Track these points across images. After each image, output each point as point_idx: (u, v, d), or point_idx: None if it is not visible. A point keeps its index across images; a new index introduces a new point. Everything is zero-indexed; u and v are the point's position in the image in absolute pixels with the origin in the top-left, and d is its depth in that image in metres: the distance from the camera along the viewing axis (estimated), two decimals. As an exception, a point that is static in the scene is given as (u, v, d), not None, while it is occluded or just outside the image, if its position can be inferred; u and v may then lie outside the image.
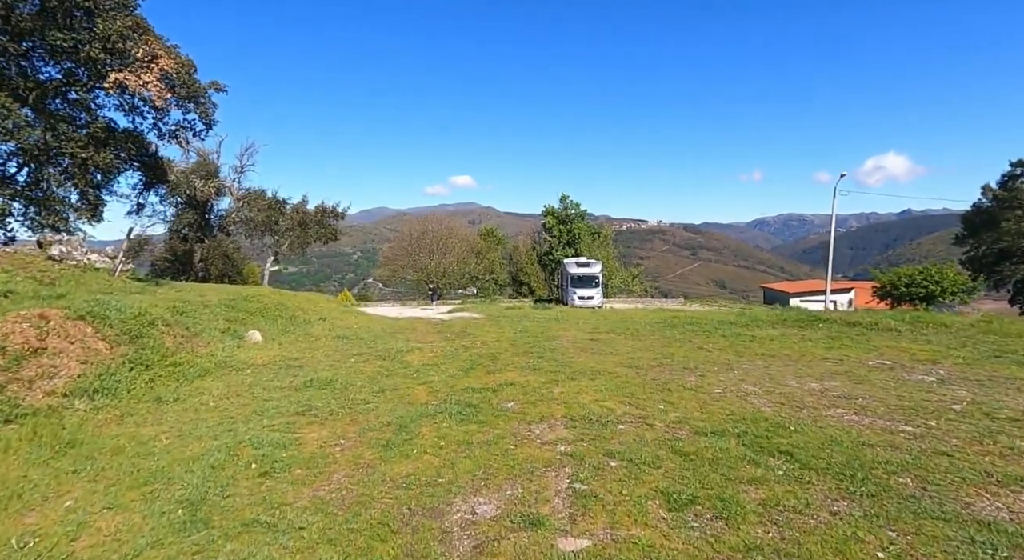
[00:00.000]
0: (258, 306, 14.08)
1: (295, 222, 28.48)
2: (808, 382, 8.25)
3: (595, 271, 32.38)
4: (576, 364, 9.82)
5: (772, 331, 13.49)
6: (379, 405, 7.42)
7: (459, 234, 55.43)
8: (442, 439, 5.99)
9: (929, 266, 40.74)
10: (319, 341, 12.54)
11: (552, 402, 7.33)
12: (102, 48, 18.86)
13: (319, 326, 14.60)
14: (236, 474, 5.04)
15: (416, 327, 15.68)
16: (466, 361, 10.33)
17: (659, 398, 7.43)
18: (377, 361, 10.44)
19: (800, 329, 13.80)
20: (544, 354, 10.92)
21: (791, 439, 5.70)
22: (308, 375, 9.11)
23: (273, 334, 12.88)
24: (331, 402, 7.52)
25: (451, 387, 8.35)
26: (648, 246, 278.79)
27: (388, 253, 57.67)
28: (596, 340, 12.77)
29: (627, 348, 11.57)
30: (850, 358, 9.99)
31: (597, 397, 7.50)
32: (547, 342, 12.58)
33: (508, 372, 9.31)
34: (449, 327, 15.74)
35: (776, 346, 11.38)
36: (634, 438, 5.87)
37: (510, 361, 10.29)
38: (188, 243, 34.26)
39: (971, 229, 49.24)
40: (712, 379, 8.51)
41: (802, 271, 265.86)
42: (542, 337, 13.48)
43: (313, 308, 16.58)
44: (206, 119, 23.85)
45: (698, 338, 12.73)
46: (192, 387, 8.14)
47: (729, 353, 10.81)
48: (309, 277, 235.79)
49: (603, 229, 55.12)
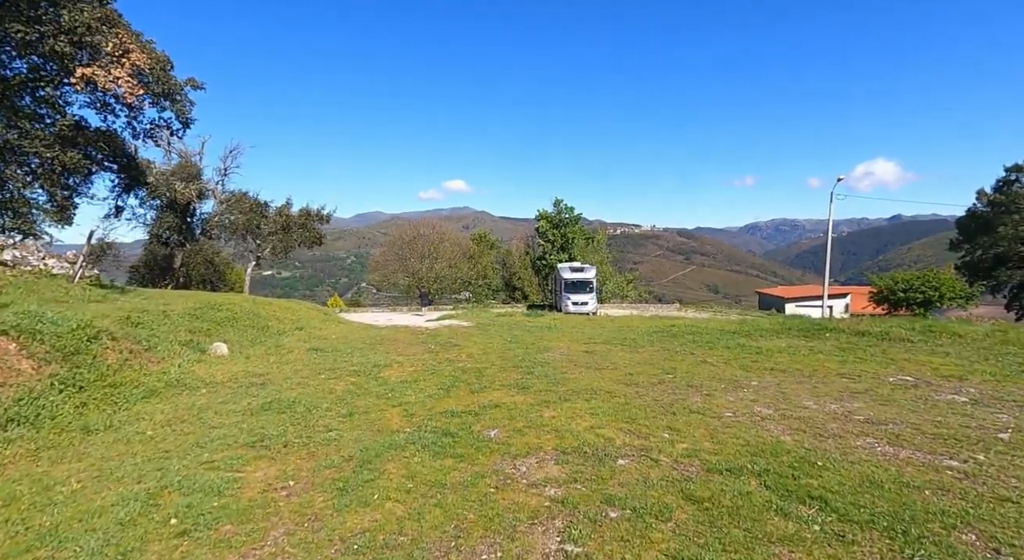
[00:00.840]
0: (227, 315, 13.05)
1: (278, 226, 27.39)
2: (827, 403, 7.39)
3: (589, 276, 31.63)
4: (569, 381, 8.91)
5: (778, 342, 12.66)
6: (343, 433, 6.47)
7: (451, 238, 54.54)
8: (410, 479, 5.06)
9: (927, 271, 40.36)
10: (291, 354, 11.55)
11: (542, 429, 6.42)
12: (69, 41, 17.83)
13: (294, 337, 13.59)
14: (148, 533, 4.07)
15: (398, 338, 14.71)
16: (448, 377, 9.39)
17: (663, 424, 6.53)
18: (350, 377, 9.47)
19: (807, 339, 12.98)
20: (534, 369, 10.00)
21: (822, 479, 4.82)
22: (270, 395, 8.14)
23: (242, 346, 11.87)
24: (288, 430, 6.55)
25: (428, 409, 7.41)
26: (642, 251, 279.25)
27: (378, 258, 56.56)
28: (591, 352, 11.88)
29: (625, 362, 10.68)
30: (868, 374, 9.16)
31: (593, 423, 6.59)
32: (538, 355, 11.67)
33: (494, 391, 8.39)
34: (434, 337, 14.79)
35: (785, 360, 10.54)
36: (637, 478, 4.96)
37: (497, 377, 9.36)
38: (169, 248, 33.09)
39: (966, 234, 49.02)
40: (720, 399, 7.63)
41: (795, 276, 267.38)
42: (533, 349, 12.57)
43: (290, 317, 15.57)
44: (183, 117, 22.84)
45: (700, 350, 11.87)
46: (131, 412, 7.14)
47: (735, 368, 9.95)
48: (302, 282, 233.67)
49: (597, 234, 54.43)
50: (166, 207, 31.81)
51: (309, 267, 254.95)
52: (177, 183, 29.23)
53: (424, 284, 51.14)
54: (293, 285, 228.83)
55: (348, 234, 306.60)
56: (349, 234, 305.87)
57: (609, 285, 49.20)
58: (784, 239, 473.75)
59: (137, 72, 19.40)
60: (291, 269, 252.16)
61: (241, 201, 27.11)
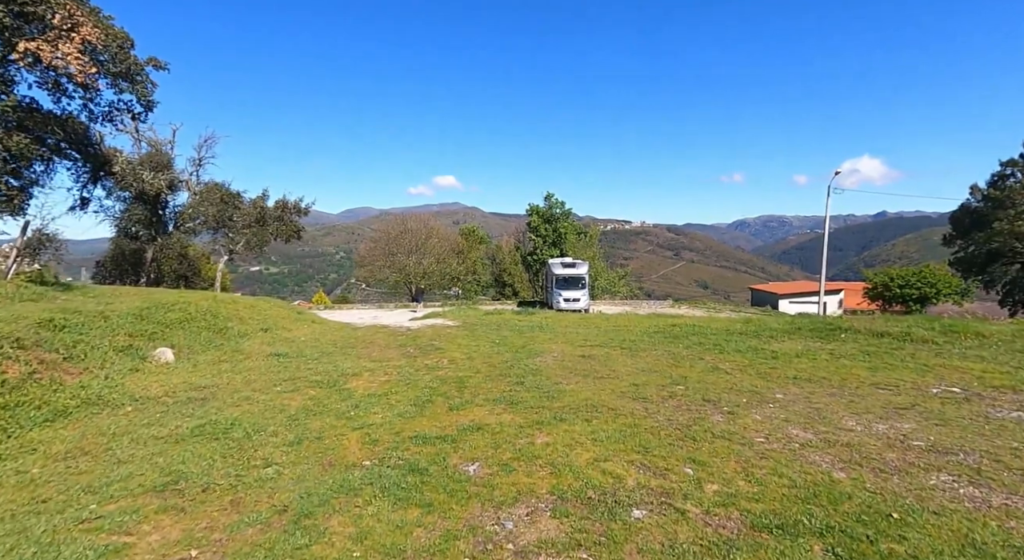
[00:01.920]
0: (180, 316, 11.59)
1: (252, 218, 25.70)
2: (873, 423, 6.21)
3: (581, 272, 30.52)
4: (566, 394, 7.65)
5: (793, 344, 11.52)
6: (284, 470, 5.14)
7: (439, 233, 53.05)
8: (358, 544, 3.76)
9: (922, 267, 39.81)
10: (248, 360, 10.14)
11: (534, 462, 5.15)
12: (9, 11, 16.07)
13: (257, 339, 12.16)
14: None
15: (375, 339, 13.34)
16: (425, 389, 8.08)
17: (683, 454, 5.30)
18: (310, 390, 8.13)
19: (823, 341, 11.87)
20: (525, 378, 8.73)
21: (907, 542, 3.61)
22: (207, 414, 6.77)
23: (192, 351, 10.44)
24: (216, 465, 5.21)
25: (396, 434, 6.10)
26: (632, 246, 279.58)
27: (364, 252, 54.83)
28: (589, 357, 10.63)
29: (627, 368, 9.45)
30: (906, 383, 8.02)
31: (597, 454, 5.33)
32: (529, 360, 10.40)
33: (477, 407, 7.10)
34: (415, 339, 13.45)
35: (807, 366, 9.38)
36: (661, 541, 3.72)
37: (481, 389, 8.07)
38: (138, 242, 31.23)
39: (960, 229, 48.63)
40: (746, 418, 6.42)
41: (782, 272, 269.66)
42: (523, 353, 11.30)
43: (256, 316, 14.12)
44: (144, 99, 21.15)
45: (709, 354, 10.68)
46: (22, 441, 5.73)
47: (753, 376, 8.77)
48: (291, 278, 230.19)
49: (590, 229, 53.27)
50: (135, 199, 29.98)
51: (298, 263, 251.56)
52: (145, 173, 27.39)
53: (412, 280, 49.67)
54: (282, 281, 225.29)
55: (337, 230, 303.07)
56: (338, 230, 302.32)
57: (601, 281, 48.20)
58: (772, 235, 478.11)
59: (89, 48, 17.70)
60: (279, 265, 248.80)
61: (212, 192, 25.35)
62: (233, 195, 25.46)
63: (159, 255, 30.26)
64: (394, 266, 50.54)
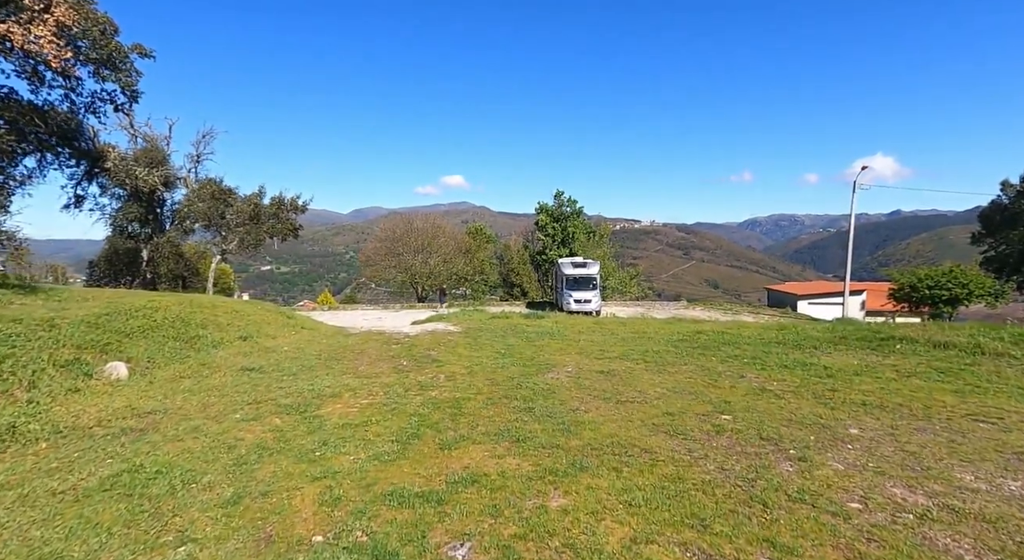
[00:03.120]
0: (144, 323, 10.27)
1: (246, 216, 24.43)
2: (997, 477, 4.66)
3: (593, 272, 29.05)
4: (585, 426, 6.17)
5: (844, 358, 9.92)
6: (202, 552, 3.72)
7: (446, 232, 51.72)
8: None
9: (953, 266, 37.73)
10: (214, 376, 8.77)
11: (546, 545, 3.67)
12: (-25, -9, 14.87)
13: (231, 350, 10.81)
14: None
15: (366, 349, 11.92)
16: (412, 418, 6.64)
17: (756, 531, 3.79)
18: (275, 417, 6.72)
19: (879, 354, 10.25)
20: (534, 402, 7.26)
21: None
22: (136, 455, 5.38)
23: (152, 365, 9.10)
24: (108, 544, 3.79)
25: (366, 488, 4.66)
26: (641, 246, 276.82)
27: (369, 252, 53.61)
28: (609, 373, 9.12)
29: (657, 389, 7.93)
30: (1011, 414, 6.42)
31: (635, 530, 3.84)
32: (539, 376, 8.92)
33: (473, 446, 5.64)
34: (411, 349, 12.02)
35: (873, 387, 7.80)
36: None
37: (481, 418, 6.62)
38: (134, 241, 30.21)
39: (990, 227, 46.36)
40: (825, 468, 4.89)
41: (794, 271, 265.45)
42: (532, 366, 9.83)
43: (237, 323, 12.78)
44: (129, 89, 19.93)
45: (750, 370, 9.12)
46: None
47: (811, 400, 7.21)
48: (302, 277, 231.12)
49: (600, 227, 51.61)
50: (130, 196, 28.94)
51: (308, 262, 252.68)
52: (138, 169, 26.30)
53: (418, 280, 48.39)
54: (292, 281, 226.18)
55: (346, 229, 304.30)
56: (347, 229, 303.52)
57: (612, 281, 46.65)
58: (783, 234, 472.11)
59: (66, 32, 16.49)
60: (289, 264, 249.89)
61: (204, 188, 24.12)
62: (225, 191, 24.21)
63: (155, 255, 29.21)
64: (400, 266, 49.33)
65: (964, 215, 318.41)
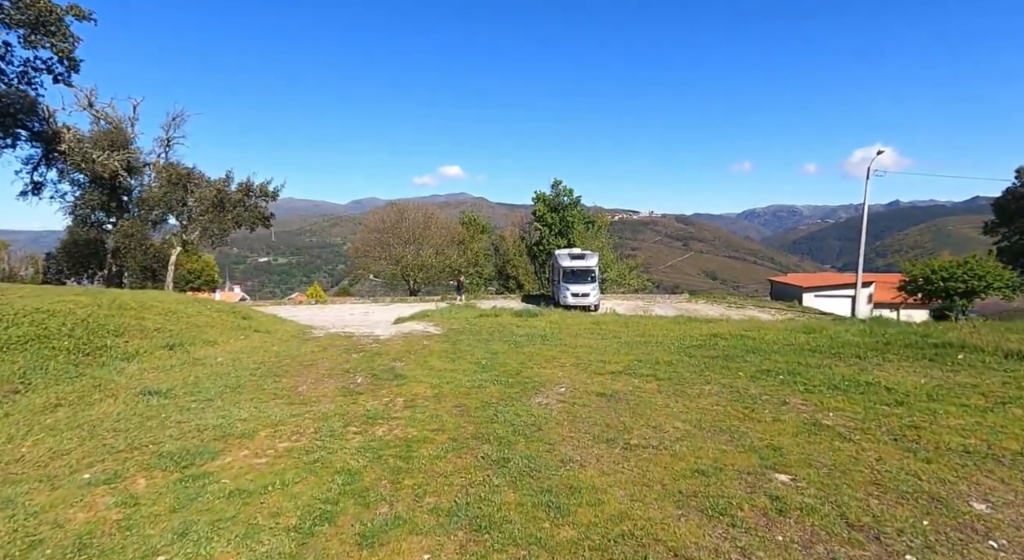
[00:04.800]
0: (30, 332, 8.23)
1: (210, 203, 22.19)
2: None
3: (591, 264, 27.28)
4: (581, 499, 4.20)
5: (905, 374, 7.96)
6: None
7: (438, 222, 49.60)
8: None
9: (968, 257, 35.89)
10: (100, 404, 6.76)
11: None
12: None
13: (146, 363, 8.79)
14: None
15: (320, 359, 9.91)
16: (336, 477, 4.66)
17: None
18: (141, 476, 4.73)
19: (941, 367, 8.30)
20: (512, 448, 5.29)
21: None
22: None
23: (32, 387, 7.08)
24: None
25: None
26: (640, 237, 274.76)
27: (358, 244, 51.46)
28: (611, 396, 7.16)
29: (676, 424, 5.97)
30: None
31: None
32: (524, 401, 6.96)
33: (409, 538, 3.68)
34: (375, 357, 10.03)
35: (967, 424, 5.83)
36: None
37: (433, 478, 4.65)
38: (97, 230, 28.03)
39: (1004, 216, 44.52)
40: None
41: (792, 262, 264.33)
42: (517, 384, 7.86)
43: (169, 327, 10.75)
44: (65, 56, 17.70)
45: (791, 391, 7.16)
46: None
47: (892, 446, 5.24)
48: (300, 268, 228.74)
49: (599, 218, 49.50)
50: (91, 182, 26.73)
51: (306, 253, 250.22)
52: (95, 152, 24.05)
53: (409, 272, 46.38)
54: (290, 272, 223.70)
55: (344, 220, 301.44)
56: (345, 220, 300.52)
57: (611, 273, 44.78)
58: (782, 225, 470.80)
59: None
60: (287, 256, 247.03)
61: (161, 172, 21.89)
62: (184, 175, 21.90)
63: (121, 245, 27.05)
64: (391, 257, 47.30)
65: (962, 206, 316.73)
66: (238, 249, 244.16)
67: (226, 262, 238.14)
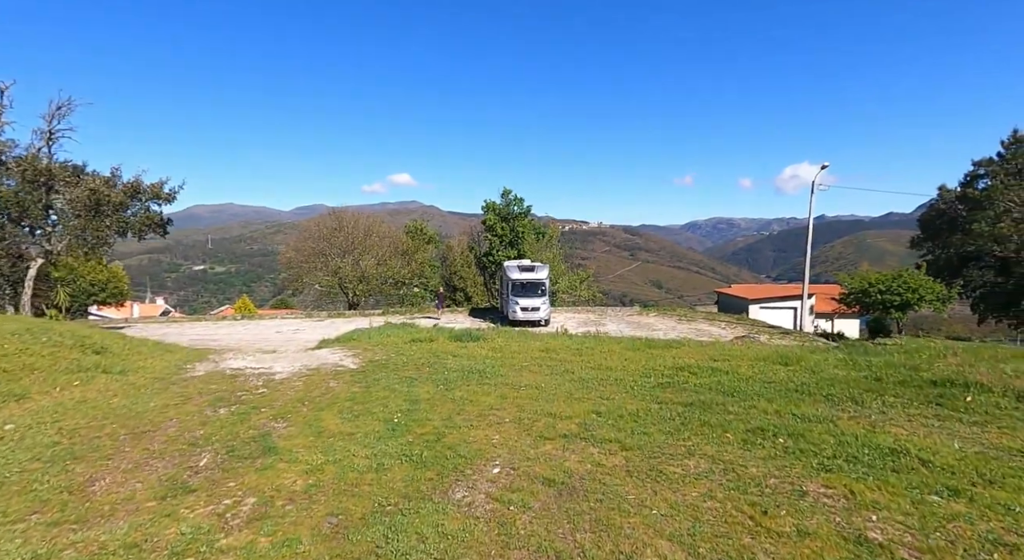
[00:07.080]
0: None
1: (81, 206, 18.18)
2: None
3: (541, 277, 25.63)
4: None
5: (927, 433, 6.35)
6: None
7: (380, 231, 46.42)
8: None
9: (902, 271, 37.16)
10: None
11: None
12: None
13: None
14: None
15: (166, 422, 7.16)
16: None
17: None
18: None
19: (959, 417, 6.81)
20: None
21: None
22: None
23: None
24: None
25: None
26: (590, 247, 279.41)
27: (289, 253, 47.23)
28: (565, 487, 5.01)
29: (660, 549, 3.91)
30: None
31: None
32: (435, 500, 4.68)
33: None
34: (248, 415, 7.39)
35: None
36: None
37: None
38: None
39: (929, 232, 47.00)
40: None
41: (731, 272, 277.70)
42: (433, 464, 5.56)
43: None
44: None
45: (804, 471, 5.30)
46: None
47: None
48: (239, 277, 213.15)
49: (549, 228, 48.14)
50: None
51: (246, 261, 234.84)
52: (-61, 142, 19.48)
53: (348, 284, 42.90)
54: (229, 282, 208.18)
55: (287, 227, 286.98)
56: (289, 227, 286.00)
57: (562, 283, 43.45)
58: (721, 237, 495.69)
59: None
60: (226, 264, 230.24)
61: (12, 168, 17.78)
62: (42, 171, 17.80)
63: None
64: (327, 268, 43.66)
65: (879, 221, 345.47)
66: (170, 256, 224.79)
67: (156, 270, 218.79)
